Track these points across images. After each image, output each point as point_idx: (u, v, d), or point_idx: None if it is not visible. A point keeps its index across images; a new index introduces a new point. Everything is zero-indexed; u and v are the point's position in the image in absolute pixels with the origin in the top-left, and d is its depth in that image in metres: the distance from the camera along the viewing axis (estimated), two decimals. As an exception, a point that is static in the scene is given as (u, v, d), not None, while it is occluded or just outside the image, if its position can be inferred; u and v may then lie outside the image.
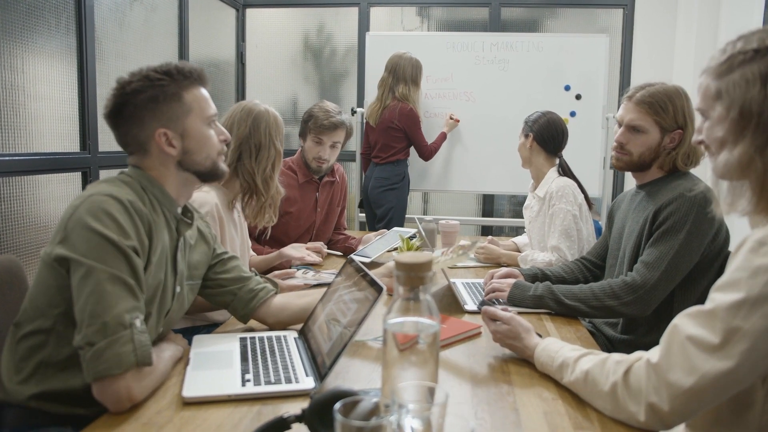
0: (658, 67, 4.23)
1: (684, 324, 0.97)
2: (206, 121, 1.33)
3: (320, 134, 2.47)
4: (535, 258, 2.28)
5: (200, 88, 1.33)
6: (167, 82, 1.26)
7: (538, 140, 2.39)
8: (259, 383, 1.16)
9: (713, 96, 1.02)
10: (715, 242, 1.68)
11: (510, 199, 4.74)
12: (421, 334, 0.93)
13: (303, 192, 2.57)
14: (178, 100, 1.28)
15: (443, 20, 4.64)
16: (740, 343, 0.89)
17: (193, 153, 1.31)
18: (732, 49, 1.00)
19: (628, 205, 1.89)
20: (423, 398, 0.89)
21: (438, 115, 4.04)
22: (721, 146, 1.02)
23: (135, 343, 1.08)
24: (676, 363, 0.95)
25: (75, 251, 1.11)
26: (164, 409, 1.08)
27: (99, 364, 1.05)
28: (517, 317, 1.35)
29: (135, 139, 1.28)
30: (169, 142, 1.28)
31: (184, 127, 1.29)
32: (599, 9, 4.48)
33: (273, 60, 4.73)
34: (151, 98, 1.25)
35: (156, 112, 1.26)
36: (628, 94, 1.78)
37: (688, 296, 1.71)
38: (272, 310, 1.51)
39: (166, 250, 1.29)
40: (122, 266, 1.12)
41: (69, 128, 2.68)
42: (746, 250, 0.93)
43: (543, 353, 1.25)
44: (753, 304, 0.89)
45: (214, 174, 1.37)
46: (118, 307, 1.08)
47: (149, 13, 3.35)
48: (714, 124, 1.03)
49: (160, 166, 1.30)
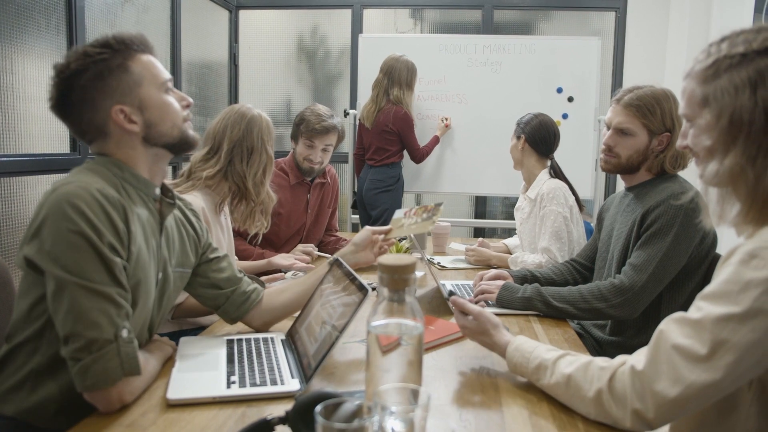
0: (650, 70, 4.25)
1: (671, 331, 0.95)
2: (162, 88, 1.23)
3: (312, 138, 2.47)
4: (525, 260, 2.28)
5: (146, 55, 1.22)
6: (108, 54, 1.16)
7: (530, 142, 2.40)
8: (245, 385, 1.16)
9: (699, 102, 0.99)
10: (702, 245, 1.69)
11: (503, 201, 4.75)
12: (403, 336, 0.93)
13: (294, 193, 2.57)
14: (126, 71, 1.18)
15: (436, 22, 4.64)
16: (727, 355, 0.88)
17: (157, 124, 1.22)
18: (717, 53, 0.97)
19: (617, 207, 1.90)
20: (406, 400, 0.89)
21: (431, 117, 4.04)
22: (710, 155, 0.99)
23: (122, 356, 1.05)
24: (662, 372, 0.94)
25: (45, 259, 1.05)
26: (149, 411, 1.08)
27: (87, 379, 1.04)
28: (485, 312, 1.30)
29: (91, 124, 1.19)
30: (129, 118, 1.18)
31: (139, 98, 1.19)
32: (591, 12, 4.50)
33: (266, 62, 4.73)
34: (96, 75, 1.15)
35: (105, 89, 1.16)
36: (617, 97, 1.79)
37: (675, 298, 1.71)
38: (259, 312, 1.50)
39: (149, 235, 1.23)
40: (98, 272, 1.06)
41: (59, 129, 2.67)
42: (737, 261, 0.91)
43: (516, 353, 1.20)
44: (742, 319, 0.88)
45: (185, 143, 1.28)
46: (100, 322, 1.04)
47: (141, 14, 3.35)
48: (702, 131, 1.00)
49: (125, 147, 1.21)
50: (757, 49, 0.93)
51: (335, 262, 1.44)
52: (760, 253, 0.88)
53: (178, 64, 3.67)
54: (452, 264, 2.44)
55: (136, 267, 1.16)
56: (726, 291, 0.90)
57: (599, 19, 4.50)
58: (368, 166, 3.76)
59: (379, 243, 1.64)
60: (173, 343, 1.38)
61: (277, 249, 2.52)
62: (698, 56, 1.02)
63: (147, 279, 1.20)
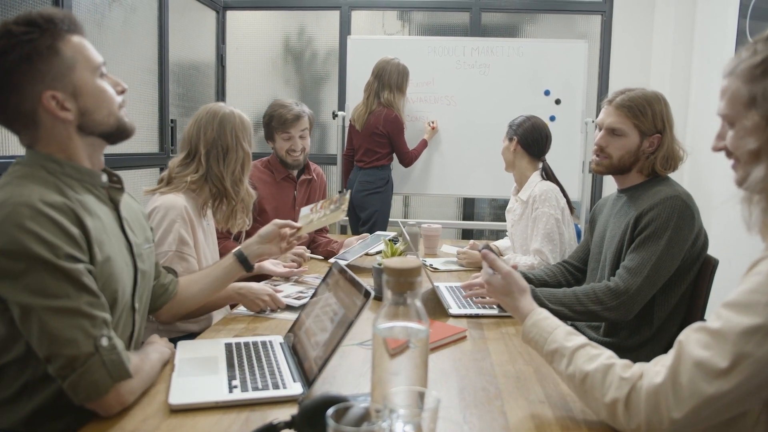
0: (636, 72, 4.29)
1: (690, 343, 0.92)
2: (96, 73, 1.13)
3: (287, 129, 2.51)
4: (517, 261, 2.30)
5: (77, 36, 1.12)
6: (36, 34, 1.05)
7: (522, 144, 2.41)
8: (247, 389, 1.15)
9: (745, 102, 0.93)
10: (695, 247, 1.71)
11: (490, 203, 4.77)
12: (411, 339, 0.93)
13: (280, 189, 2.59)
14: (57, 54, 1.07)
15: (424, 24, 4.65)
16: (748, 368, 0.86)
17: (92, 112, 1.13)
18: (765, 50, 0.91)
19: (610, 209, 1.91)
20: (413, 403, 0.89)
21: (419, 118, 4.05)
22: (755, 158, 0.93)
23: (107, 365, 1.03)
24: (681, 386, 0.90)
25: (1, 287, 1.00)
26: (150, 416, 1.06)
27: (78, 394, 1.02)
28: (515, 273, 1.29)
29: (17, 112, 1.08)
30: (61, 105, 1.09)
31: (73, 84, 1.09)
32: (578, 15, 4.54)
33: (253, 62, 4.70)
34: (23, 57, 1.04)
35: (33, 73, 1.05)
36: (608, 99, 1.81)
37: (667, 300, 1.73)
38: (173, 304, 1.47)
39: (107, 225, 1.17)
40: (61, 288, 1.00)
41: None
42: (767, 272, 0.87)
43: (534, 329, 1.17)
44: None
45: (121, 131, 1.19)
46: (76, 338, 1.00)
47: (128, 14, 3.31)
48: (746, 133, 0.94)
49: (58, 138, 1.11)
50: None
51: (333, 266, 1.43)
52: None
53: (165, 64, 3.64)
54: (444, 266, 2.45)
55: (103, 263, 1.11)
56: (753, 302, 0.87)
57: (585, 23, 4.54)
58: (358, 168, 3.75)
59: (287, 238, 1.63)
60: (171, 345, 1.37)
61: None
62: (741, 53, 0.96)
63: (117, 269, 1.16)
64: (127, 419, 1.05)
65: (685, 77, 3.92)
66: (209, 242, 1.96)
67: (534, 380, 1.26)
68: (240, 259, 1.54)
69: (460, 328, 1.57)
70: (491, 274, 1.31)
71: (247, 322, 1.64)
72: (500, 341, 1.52)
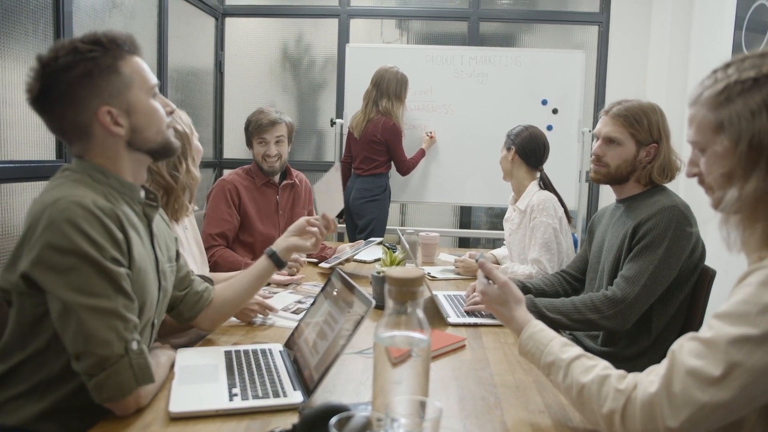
0: (632, 83, 4.33)
1: (683, 353, 0.93)
2: (149, 93, 1.20)
3: (262, 134, 2.57)
4: (515, 270, 2.30)
5: (135, 57, 1.19)
6: (100, 53, 1.12)
7: (520, 153, 2.42)
8: (247, 397, 1.15)
9: (713, 128, 0.97)
10: (692, 257, 1.72)
11: (487, 211, 4.79)
12: (414, 348, 0.93)
13: (262, 194, 2.64)
14: (116, 73, 1.14)
15: (423, 33, 4.68)
16: (741, 378, 0.87)
17: (143, 130, 1.19)
18: (726, 78, 0.97)
19: (608, 219, 1.92)
20: (415, 412, 0.89)
21: (417, 127, 4.06)
22: (728, 181, 0.97)
23: (134, 368, 1.07)
24: (675, 395, 0.91)
25: (47, 279, 1.04)
26: (151, 424, 1.06)
27: (103, 393, 1.05)
28: (511, 283, 1.28)
29: (73, 123, 1.14)
30: (115, 120, 1.15)
31: (128, 101, 1.16)
32: (575, 25, 4.57)
33: (251, 69, 4.71)
34: (85, 73, 1.11)
35: (94, 88, 1.12)
36: (605, 109, 1.84)
37: (665, 310, 1.74)
38: (210, 312, 1.50)
39: (143, 238, 1.22)
40: (102, 288, 1.05)
41: (45, 136, 2.63)
42: (756, 283, 0.88)
43: (530, 341, 1.17)
44: (759, 341, 0.86)
45: (167, 149, 1.26)
46: (109, 339, 1.04)
47: (128, 20, 3.32)
48: (718, 158, 0.98)
49: (108, 151, 1.17)
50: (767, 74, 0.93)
51: (333, 274, 1.44)
52: None
53: (164, 70, 3.65)
54: (441, 274, 2.45)
55: (138, 272, 1.16)
56: (743, 312, 0.89)
57: (582, 33, 4.57)
58: (355, 175, 3.76)
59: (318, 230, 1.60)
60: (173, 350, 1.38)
61: (255, 253, 2.56)
62: (704, 82, 1.01)
63: (148, 281, 1.21)
64: (128, 427, 1.05)
65: (681, 88, 3.94)
66: (190, 247, 1.96)
67: (533, 390, 1.27)
68: (271, 257, 1.55)
69: (459, 337, 1.57)
70: (487, 284, 1.31)
71: (245, 330, 1.64)
72: (499, 350, 1.53)
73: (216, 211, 2.51)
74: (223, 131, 4.71)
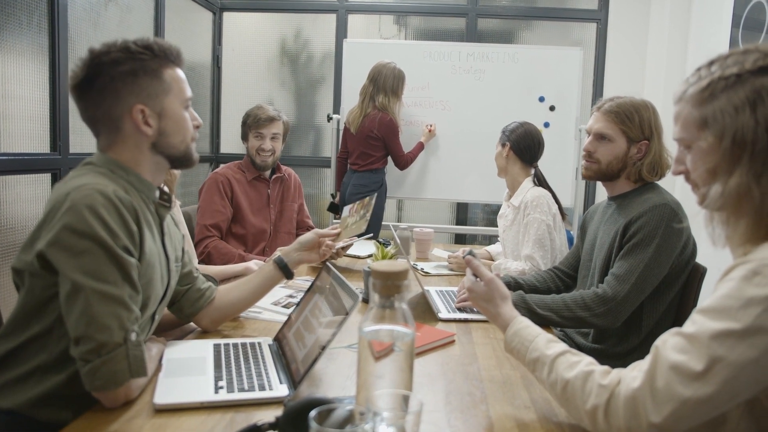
0: (630, 80, 4.32)
1: (667, 348, 0.93)
2: (184, 104, 1.28)
3: (260, 128, 2.64)
4: (508, 267, 2.30)
5: (178, 69, 1.28)
6: (148, 56, 1.21)
7: (514, 150, 2.42)
8: (233, 390, 1.15)
9: (698, 125, 0.98)
10: (683, 255, 1.72)
11: (483, 208, 4.79)
12: (397, 342, 0.93)
13: (253, 188, 2.71)
14: (158, 78, 1.22)
15: (420, 29, 4.67)
16: (723, 372, 0.87)
17: (169, 135, 1.25)
18: (709, 75, 0.98)
19: (601, 217, 1.92)
20: (398, 406, 0.89)
21: (414, 123, 4.06)
22: (712, 177, 0.98)
23: (130, 359, 1.08)
24: (658, 390, 0.91)
25: (62, 261, 1.07)
26: (136, 416, 1.06)
27: (95, 380, 1.06)
28: (497, 280, 1.29)
29: (107, 114, 1.20)
30: (146, 120, 1.21)
31: (162, 106, 1.23)
32: (573, 22, 4.56)
33: (249, 64, 4.71)
34: (131, 71, 1.19)
35: (134, 86, 1.19)
36: (597, 106, 1.85)
37: (656, 307, 1.74)
38: (211, 310, 1.52)
39: (155, 236, 1.27)
40: (112, 275, 1.08)
41: (39, 128, 2.63)
42: (738, 277, 0.89)
43: (515, 338, 1.17)
44: (741, 336, 0.86)
45: (187, 159, 1.32)
46: (111, 326, 1.06)
47: (124, 14, 3.31)
48: (703, 154, 0.99)
49: (133, 148, 1.23)
50: (750, 69, 0.94)
51: (323, 267, 1.44)
52: (763, 271, 0.87)
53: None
54: (435, 270, 2.45)
55: (147, 267, 1.20)
56: (726, 307, 0.89)
57: (580, 30, 4.56)
58: (351, 171, 3.76)
59: (326, 243, 1.71)
60: (164, 340, 1.39)
61: (247, 244, 2.62)
62: (689, 79, 1.02)
63: (155, 277, 1.24)
64: (112, 419, 1.05)
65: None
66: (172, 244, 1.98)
67: (520, 385, 1.27)
68: (280, 266, 1.59)
69: (449, 332, 1.58)
70: (474, 280, 1.31)
71: (236, 324, 1.64)
72: (488, 346, 1.53)
73: (209, 203, 2.54)
74: (220, 126, 4.71)
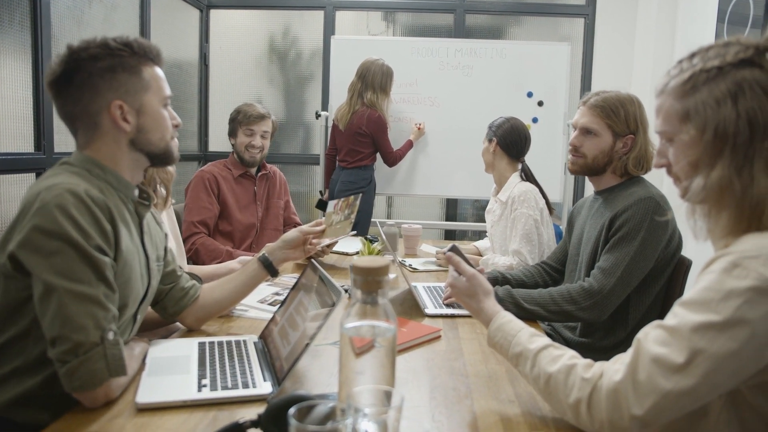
0: (618, 75, 4.33)
1: (648, 340, 0.93)
2: (162, 102, 1.27)
3: (250, 125, 2.65)
4: (496, 262, 2.31)
5: (157, 67, 1.28)
6: (127, 53, 1.20)
7: (501, 145, 2.42)
8: (216, 388, 1.15)
9: (680, 117, 0.99)
10: (668, 248, 1.73)
11: (473, 204, 4.79)
12: (377, 338, 0.93)
13: (240, 185, 2.71)
14: (137, 74, 1.22)
15: (409, 25, 4.66)
16: (704, 364, 0.87)
17: (148, 131, 1.25)
18: (691, 67, 0.98)
19: (587, 211, 1.93)
20: (379, 402, 0.89)
21: (402, 119, 4.06)
22: (694, 170, 0.98)
23: (108, 358, 1.07)
24: (640, 383, 0.92)
25: (33, 262, 1.06)
26: (117, 416, 1.06)
27: (73, 381, 1.05)
28: (479, 276, 1.29)
29: (85, 110, 1.20)
30: (124, 116, 1.21)
31: (141, 102, 1.22)
32: (561, 18, 4.57)
33: (237, 62, 4.68)
34: (109, 67, 1.18)
35: (113, 82, 1.19)
36: (583, 100, 1.85)
37: (642, 300, 1.75)
38: (195, 309, 1.52)
39: (133, 235, 1.26)
40: (86, 274, 1.07)
41: (23, 128, 2.60)
42: (719, 270, 0.90)
43: (498, 333, 1.17)
44: (721, 328, 0.87)
45: (167, 157, 1.31)
46: (86, 326, 1.05)
47: (109, 12, 3.29)
48: (685, 147, 0.99)
49: (111, 144, 1.22)
50: (731, 62, 0.94)
51: (309, 265, 1.43)
52: (743, 263, 0.88)
53: (147, 63, 3.61)
54: (423, 266, 2.45)
55: (124, 266, 1.18)
56: (706, 299, 0.89)
57: (568, 25, 4.57)
58: (340, 168, 3.75)
59: (310, 240, 1.71)
60: (147, 340, 1.38)
61: (234, 241, 2.63)
62: (670, 72, 1.02)
63: (134, 276, 1.23)
64: (93, 418, 1.04)
65: (666, 80, 3.95)
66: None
67: (505, 380, 1.27)
68: (265, 265, 1.58)
69: (435, 327, 1.57)
70: (456, 276, 1.31)
71: (221, 322, 1.63)
72: (474, 341, 1.53)
73: (196, 201, 2.54)
74: (208, 124, 4.69)
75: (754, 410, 0.95)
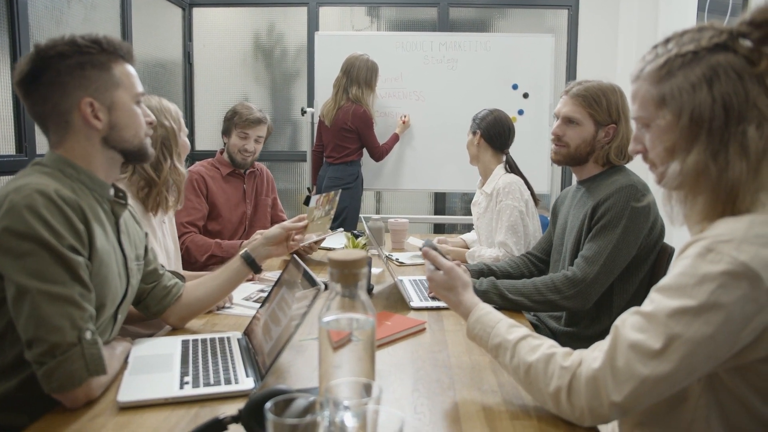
0: (602, 66, 4.34)
1: (626, 327, 0.94)
2: (134, 99, 1.26)
3: (246, 129, 2.62)
4: (482, 254, 2.31)
5: (128, 63, 1.26)
6: (96, 50, 1.19)
7: (485, 137, 2.42)
8: (198, 385, 1.14)
9: (656, 103, 0.99)
10: (651, 236, 1.74)
11: (462, 197, 4.80)
12: (354, 331, 0.93)
13: (229, 184, 2.69)
14: (107, 71, 1.20)
15: (393, 20, 4.65)
16: (680, 349, 0.88)
17: (120, 128, 1.23)
18: (666, 53, 0.98)
19: (570, 201, 1.94)
20: (359, 395, 0.89)
21: (388, 114, 4.05)
22: (670, 155, 0.99)
23: (86, 357, 1.06)
24: (618, 369, 0.92)
25: (3, 264, 1.05)
26: (98, 415, 1.05)
27: (52, 382, 1.04)
28: (457, 269, 1.29)
29: (55, 108, 1.18)
30: (95, 114, 1.19)
31: (112, 99, 1.21)
32: (545, 9, 4.57)
33: (222, 60, 4.66)
34: (78, 65, 1.17)
35: (82, 79, 1.17)
36: (566, 89, 1.85)
37: (625, 288, 1.76)
38: (178, 307, 1.51)
39: (109, 234, 1.24)
40: (59, 274, 1.06)
41: (3, 130, 2.58)
42: (693, 255, 0.90)
43: (477, 325, 1.18)
44: (696, 312, 0.88)
45: (141, 154, 1.29)
46: (62, 326, 1.04)
47: (89, 12, 3.26)
48: (661, 132, 0.99)
49: (84, 143, 1.20)
50: (706, 47, 0.94)
51: (290, 260, 1.43)
52: (717, 247, 0.88)
53: (129, 62, 3.59)
54: (410, 260, 2.45)
55: (100, 265, 1.17)
56: (681, 284, 0.90)
57: (553, 17, 4.58)
58: (327, 164, 3.74)
59: (292, 236, 1.69)
60: (130, 339, 1.38)
61: (224, 239, 2.60)
62: (645, 57, 1.02)
63: (111, 275, 1.21)
64: (75, 418, 1.04)
65: (649, 70, 3.97)
66: (165, 242, 1.94)
67: (488, 370, 1.27)
68: (248, 261, 1.57)
69: (420, 320, 1.58)
70: (433, 270, 1.32)
71: (206, 319, 1.63)
72: (459, 333, 1.53)
73: (185, 201, 2.51)
74: (194, 123, 4.66)
75: (732, 393, 0.96)
